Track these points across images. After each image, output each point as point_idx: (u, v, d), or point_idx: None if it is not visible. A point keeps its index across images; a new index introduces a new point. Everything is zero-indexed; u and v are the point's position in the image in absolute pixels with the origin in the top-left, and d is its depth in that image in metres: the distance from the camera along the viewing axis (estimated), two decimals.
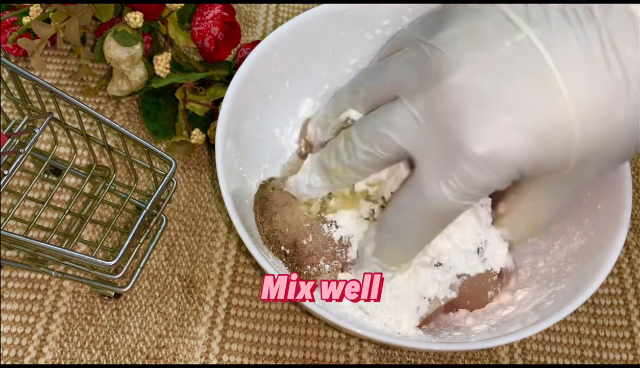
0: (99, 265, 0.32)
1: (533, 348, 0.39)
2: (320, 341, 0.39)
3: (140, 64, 0.43)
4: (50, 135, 0.44)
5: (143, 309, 0.39)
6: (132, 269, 0.39)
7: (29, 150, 0.32)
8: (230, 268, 0.41)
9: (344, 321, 0.31)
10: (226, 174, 0.35)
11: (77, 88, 0.47)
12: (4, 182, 0.31)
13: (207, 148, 0.45)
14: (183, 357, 0.38)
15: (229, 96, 0.37)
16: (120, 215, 0.41)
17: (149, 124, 0.45)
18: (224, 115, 0.36)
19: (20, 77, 0.34)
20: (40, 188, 0.43)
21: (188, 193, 0.43)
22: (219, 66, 0.47)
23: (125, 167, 0.44)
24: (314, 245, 0.37)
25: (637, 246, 0.44)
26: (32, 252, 0.37)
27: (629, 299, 0.41)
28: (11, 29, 0.45)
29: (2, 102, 0.45)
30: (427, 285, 0.36)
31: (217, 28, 0.45)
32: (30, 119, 0.33)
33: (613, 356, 0.39)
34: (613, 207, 0.36)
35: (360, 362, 0.38)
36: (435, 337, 0.36)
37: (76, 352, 0.37)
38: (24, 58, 0.48)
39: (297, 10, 0.54)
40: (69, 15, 0.43)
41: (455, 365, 0.38)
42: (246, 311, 0.39)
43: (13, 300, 0.39)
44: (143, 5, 0.43)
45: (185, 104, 0.43)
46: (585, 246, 0.36)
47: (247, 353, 0.38)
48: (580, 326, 0.40)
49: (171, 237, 0.42)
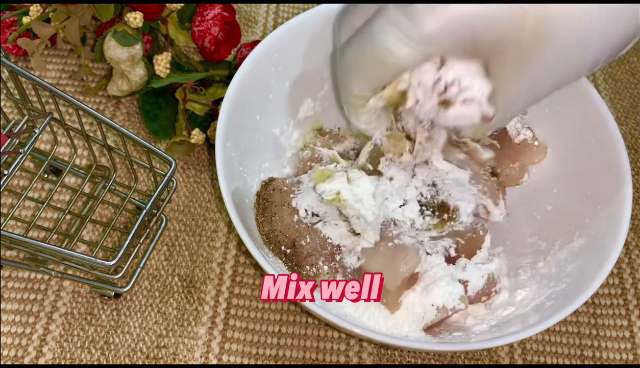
0: (98, 265, 0.32)
1: (533, 348, 0.39)
2: (320, 341, 0.39)
3: (140, 64, 0.43)
4: (50, 135, 0.44)
5: (143, 309, 0.39)
6: (132, 269, 0.39)
7: (29, 150, 0.32)
8: (230, 268, 0.41)
9: (344, 321, 0.31)
10: (226, 174, 0.35)
11: (77, 88, 0.47)
12: (4, 182, 0.31)
13: (207, 148, 0.45)
14: (183, 357, 0.38)
15: (229, 96, 0.37)
16: (120, 215, 0.41)
17: (149, 124, 0.45)
18: (224, 115, 0.36)
19: (20, 77, 0.34)
20: (40, 188, 0.43)
21: (188, 193, 0.43)
22: (219, 66, 0.47)
23: (125, 167, 0.44)
24: (312, 246, 0.37)
25: (637, 246, 0.44)
26: (32, 252, 0.37)
27: (629, 299, 0.41)
28: (11, 29, 0.45)
29: (2, 102, 0.45)
30: (438, 296, 0.36)
31: (217, 28, 0.45)
32: (30, 119, 0.33)
33: (613, 356, 0.39)
34: (613, 207, 0.36)
35: (360, 362, 0.38)
36: (435, 337, 0.36)
37: (76, 352, 0.37)
38: (24, 58, 0.48)
39: (297, 10, 0.54)
40: (69, 15, 0.43)
41: (455, 365, 0.38)
42: (246, 311, 0.39)
43: (13, 300, 0.39)
44: (143, 5, 0.43)
45: (185, 104, 0.43)
46: (585, 246, 0.36)
47: (247, 353, 0.38)
48: (580, 326, 0.40)
49: (171, 237, 0.42)
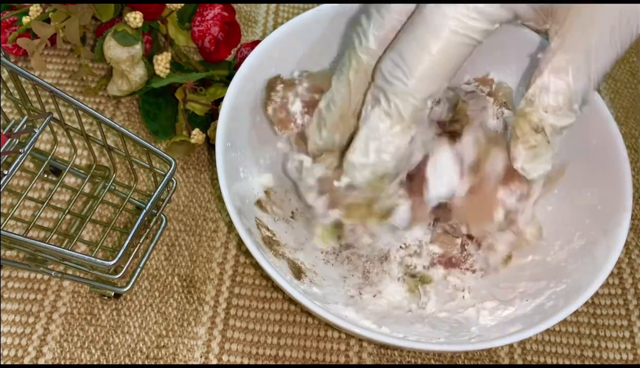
0: (98, 265, 0.32)
1: (533, 348, 0.39)
2: (320, 341, 0.39)
3: (140, 64, 0.43)
4: (50, 135, 0.44)
5: (143, 309, 0.39)
6: (131, 269, 0.39)
7: (29, 150, 0.32)
8: (230, 268, 0.41)
9: (344, 321, 0.31)
10: (226, 174, 0.35)
11: (77, 88, 0.47)
12: (4, 182, 0.31)
13: (207, 148, 0.45)
14: (183, 357, 0.38)
15: (229, 96, 0.37)
16: (120, 215, 0.41)
17: (148, 124, 0.45)
18: (225, 115, 0.36)
19: (20, 77, 0.34)
20: (40, 188, 0.43)
21: (188, 193, 0.43)
22: (219, 66, 0.47)
23: (125, 167, 0.44)
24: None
25: (637, 246, 0.44)
26: (32, 252, 0.37)
27: (629, 299, 0.41)
28: (11, 28, 0.45)
29: (2, 102, 0.45)
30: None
31: (217, 28, 0.45)
32: (30, 119, 0.33)
33: (613, 356, 0.39)
34: (613, 207, 0.36)
35: (360, 362, 0.38)
36: (435, 337, 0.36)
37: (76, 352, 0.37)
38: (23, 58, 0.48)
39: (297, 10, 0.54)
40: (69, 15, 0.43)
41: (455, 365, 0.38)
42: (246, 311, 0.39)
43: (13, 300, 0.39)
44: (143, 5, 0.43)
45: (185, 104, 0.43)
46: (585, 247, 0.36)
47: (247, 353, 0.38)
48: (580, 326, 0.40)
49: (171, 237, 0.42)
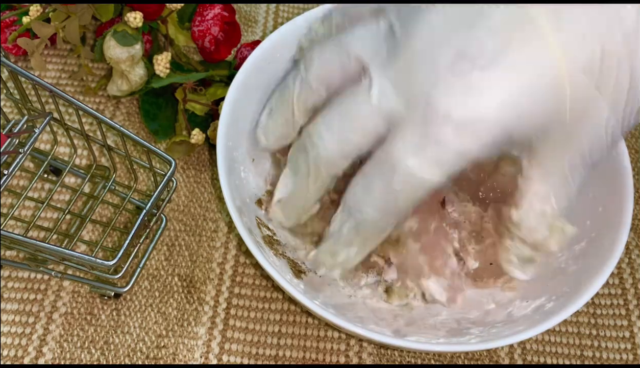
0: (98, 265, 0.32)
1: (533, 348, 0.39)
2: (320, 341, 0.39)
3: (140, 64, 0.43)
4: (50, 135, 0.44)
5: (143, 309, 0.39)
6: (131, 269, 0.39)
7: (29, 150, 0.32)
8: (230, 268, 0.41)
9: (344, 321, 0.31)
10: (227, 174, 0.35)
11: (77, 88, 0.47)
12: (4, 182, 0.31)
13: (207, 148, 0.45)
14: (183, 357, 0.38)
15: (229, 96, 0.37)
16: (120, 215, 0.41)
17: (148, 124, 0.45)
18: (225, 115, 0.36)
19: (20, 77, 0.34)
20: (40, 188, 0.43)
21: (188, 193, 0.43)
22: (219, 66, 0.47)
23: (125, 167, 0.44)
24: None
25: (637, 246, 0.44)
26: (32, 252, 0.37)
27: (629, 299, 0.41)
28: (11, 28, 0.45)
29: (2, 102, 0.45)
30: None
31: (217, 28, 0.45)
32: (30, 119, 0.33)
33: (613, 356, 0.39)
34: (614, 208, 0.36)
35: (360, 362, 0.38)
36: (435, 337, 0.36)
37: (76, 352, 0.37)
38: (23, 58, 0.48)
39: (297, 10, 0.54)
40: (69, 15, 0.43)
41: (455, 365, 0.38)
42: (246, 311, 0.39)
43: (13, 300, 0.39)
44: (143, 5, 0.43)
45: (185, 104, 0.43)
46: (586, 248, 0.36)
47: (247, 353, 0.38)
48: (580, 326, 0.40)
49: (171, 237, 0.42)
